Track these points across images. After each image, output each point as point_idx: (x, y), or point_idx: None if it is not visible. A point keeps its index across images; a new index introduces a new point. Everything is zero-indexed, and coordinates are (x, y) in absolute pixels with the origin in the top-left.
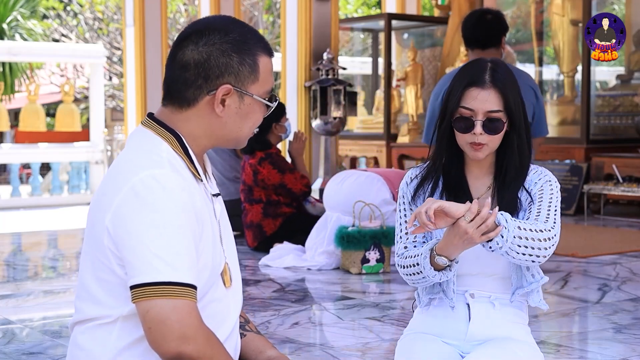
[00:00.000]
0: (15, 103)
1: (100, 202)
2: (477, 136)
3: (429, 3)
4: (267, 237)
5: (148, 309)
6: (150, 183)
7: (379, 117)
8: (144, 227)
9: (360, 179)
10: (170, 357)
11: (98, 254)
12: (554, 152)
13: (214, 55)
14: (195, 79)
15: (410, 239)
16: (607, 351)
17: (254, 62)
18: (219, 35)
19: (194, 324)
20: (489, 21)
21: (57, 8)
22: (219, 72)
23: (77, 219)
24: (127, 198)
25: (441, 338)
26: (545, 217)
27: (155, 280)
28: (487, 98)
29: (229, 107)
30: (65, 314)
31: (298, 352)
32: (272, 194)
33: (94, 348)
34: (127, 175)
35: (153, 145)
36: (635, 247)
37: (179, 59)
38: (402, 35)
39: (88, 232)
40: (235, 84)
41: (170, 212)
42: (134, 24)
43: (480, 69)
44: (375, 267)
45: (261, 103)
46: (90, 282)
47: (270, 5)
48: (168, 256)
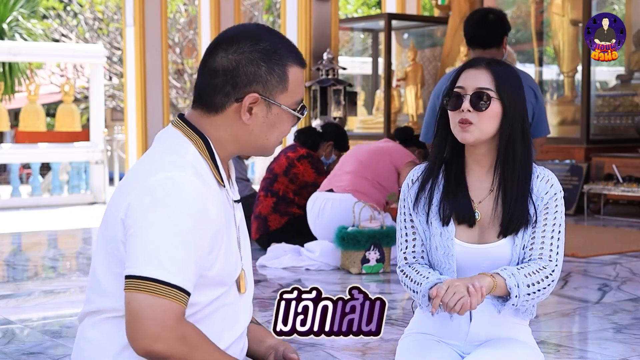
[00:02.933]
0: (15, 103)
1: (119, 195)
2: (465, 113)
3: (429, 3)
4: (269, 232)
5: (129, 300)
6: (167, 184)
7: (379, 117)
8: (151, 224)
9: (336, 205)
10: (142, 354)
11: (111, 246)
12: (554, 152)
13: (242, 63)
14: (223, 85)
15: (410, 248)
16: (607, 351)
17: (283, 72)
18: (249, 44)
19: (167, 323)
20: (491, 21)
21: (57, 8)
22: (247, 80)
23: (77, 219)
24: (143, 194)
25: (442, 338)
26: (549, 249)
27: (144, 275)
28: (479, 76)
29: (256, 116)
30: (65, 314)
31: (299, 352)
32: (291, 191)
33: (101, 341)
34: (149, 173)
35: (180, 147)
36: (635, 247)
37: (209, 65)
38: (402, 35)
39: (104, 225)
40: (263, 93)
41: (180, 216)
42: (134, 24)
43: (480, 59)
44: (375, 267)
45: (290, 113)
46: (103, 275)
47: (270, 5)
48: (165, 256)
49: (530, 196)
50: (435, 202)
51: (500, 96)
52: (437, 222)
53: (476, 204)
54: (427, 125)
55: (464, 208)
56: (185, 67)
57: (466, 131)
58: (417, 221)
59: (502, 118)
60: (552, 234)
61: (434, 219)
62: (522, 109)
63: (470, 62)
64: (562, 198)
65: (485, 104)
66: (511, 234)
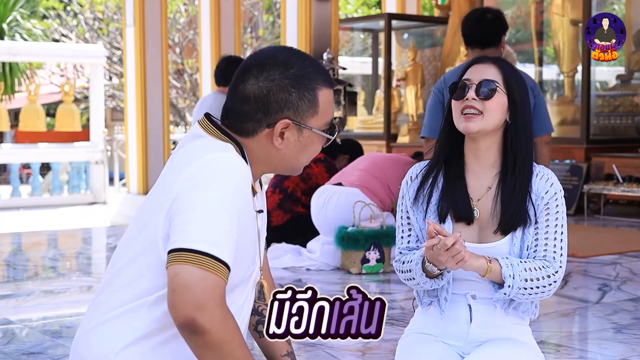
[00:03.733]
0: (15, 103)
1: (166, 181)
2: (470, 101)
3: (429, 3)
4: (270, 227)
5: (178, 272)
6: (221, 162)
7: (379, 117)
8: (201, 200)
9: (341, 198)
10: (183, 321)
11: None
12: (554, 152)
13: (273, 91)
14: (255, 113)
15: (404, 243)
16: (607, 351)
17: (313, 97)
18: (279, 70)
19: (216, 298)
20: (489, 20)
21: (57, 8)
22: (278, 107)
23: (77, 219)
24: (197, 171)
25: (441, 339)
26: (552, 249)
27: (194, 248)
28: (486, 70)
29: (288, 140)
30: (65, 314)
31: (298, 352)
32: (300, 190)
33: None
34: (201, 153)
35: (221, 145)
36: (635, 247)
37: (240, 91)
38: (402, 35)
39: (143, 216)
40: (294, 118)
41: (228, 194)
42: (134, 24)
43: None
44: (375, 267)
45: (320, 135)
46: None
47: (270, 5)
48: (213, 232)
49: (529, 195)
50: (434, 200)
51: (507, 90)
52: (435, 219)
53: (475, 201)
54: (427, 120)
55: (462, 205)
56: (185, 67)
57: (470, 120)
58: (414, 218)
59: (508, 112)
60: (555, 235)
61: (432, 216)
62: (527, 108)
63: (478, 59)
64: (562, 197)
65: (491, 93)
66: (509, 232)
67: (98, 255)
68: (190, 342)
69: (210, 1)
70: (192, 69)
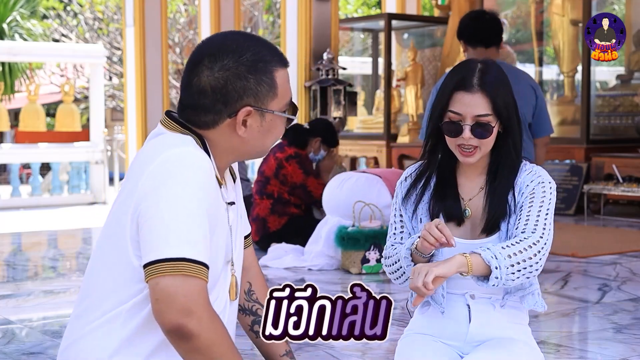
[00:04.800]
0: (15, 103)
1: (125, 193)
2: (467, 140)
3: (429, 3)
4: (269, 233)
5: (158, 282)
6: (177, 159)
7: (379, 117)
8: (164, 202)
9: (360, 181)
10: (171, 328)
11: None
12: (554, 152)
13: (230, 80)
14: (214, 104)
15: (397, 239)
16: (607, 351)
17: (271, 80)
18: (233, 58)
19: (200, 301)
20: (490, 21)
21: (57, 8)
22: (237, 96)
23: (77, 219)
24: (153, 176)
25: (441, 339)
26: (534, 224)
27: (168, 257)
28: (475, 102)
29: (251, 127)
30: (65, 314)
31: (298, 352)
32: (286, 192)
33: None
34: (158, 151)
35: (181, 139)
36: (635, 247)
37: (195, 85)
38: (402, 35)
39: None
40: (255, 104)
41: (191, 190)
42: (134, 24)
43: (470, 71)
44: (375, 267)
45: (283, 117)
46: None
47: (270, 5)
48: (184, 233)
49: (512, 189)
50: (426, 199)
51: (498, 116)
52: (427, 218)
53: (467, 201)
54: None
55: (453, 205)
56: None
57: (470, 156)
58: (406, 217)
59: (500, 132)
60: (538, 213)
61: (424, 215)
62: (515, 108)
63: (462, 84)
64: (551, 188)
65: (488, 132)
66: (495, 230)
67: None
68: (179, 348)
69: (210, 1)
70: None
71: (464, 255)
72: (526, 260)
